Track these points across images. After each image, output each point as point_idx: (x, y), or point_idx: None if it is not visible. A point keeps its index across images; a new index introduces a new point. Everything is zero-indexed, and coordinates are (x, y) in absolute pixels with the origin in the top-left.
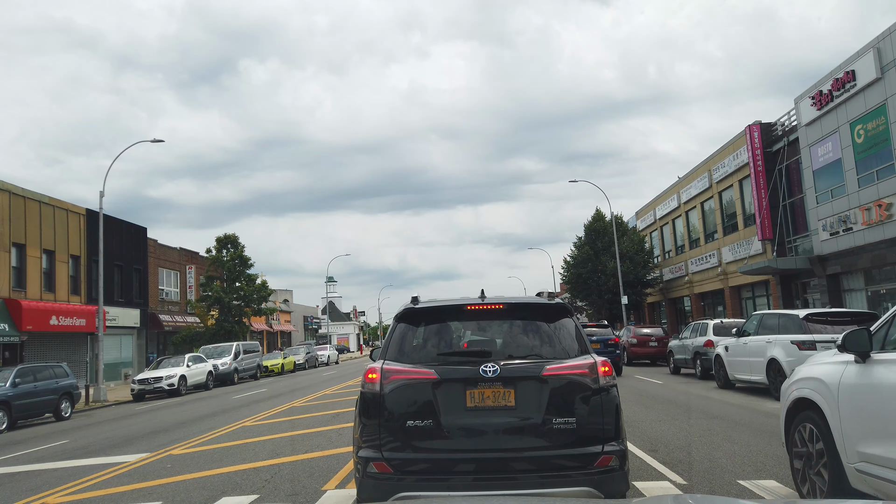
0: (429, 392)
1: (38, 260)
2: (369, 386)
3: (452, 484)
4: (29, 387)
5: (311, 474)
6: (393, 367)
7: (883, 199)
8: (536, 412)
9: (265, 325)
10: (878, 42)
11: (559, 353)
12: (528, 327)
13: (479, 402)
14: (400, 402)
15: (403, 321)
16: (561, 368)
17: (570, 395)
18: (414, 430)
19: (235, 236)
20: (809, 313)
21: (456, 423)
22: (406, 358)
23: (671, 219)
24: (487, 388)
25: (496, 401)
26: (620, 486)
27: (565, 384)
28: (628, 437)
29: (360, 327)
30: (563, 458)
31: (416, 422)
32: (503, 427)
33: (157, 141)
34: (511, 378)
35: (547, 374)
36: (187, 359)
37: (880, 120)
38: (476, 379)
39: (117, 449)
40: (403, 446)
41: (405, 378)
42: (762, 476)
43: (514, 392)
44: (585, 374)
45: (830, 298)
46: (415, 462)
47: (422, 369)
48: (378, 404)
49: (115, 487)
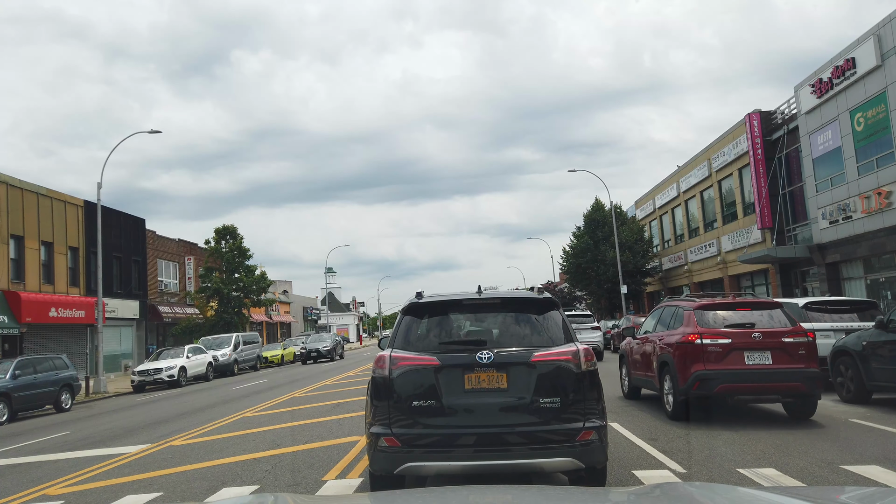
0: (432, 376)
1: (36, 252)
2: (379, 371)
3: (453, 455)
4: (29, 378)
5: (312, 464)
6: (400, 354)
7: (882, 187)
8: (526, 393)
9: (265, 317)
10: (879, 29)
11: (546, 342)
12: (520, 319)
13: (475, 385)
14: (406, 385)
15: (409, 314)
16: (547, 355)
17: (555, 378)
18: (419, 409)
19: (234, 227)
20: (809, 301)
21: (456, 402)
22: (411, 346)
23: (670, 208)
24: (483, 372)
25: (490, 383)
26: (599, 457)
27: (552, 369)
28: (627, 425)
29: (359, 318)
30: (550, 433)
31: (420, 402)
32: (497, 406)
33: (155, 132)
34: (503, 364)
35: (535, 360)
36: (187, 350)
37: (880, 108)
38: (473, 364)
39: (118, 440)
40: (410, 423)
41: (411, 364)
42: (762, 464)
43: (506, 376)
44: (569, 359)
45: (830, 287)
46: (420, 437)
47: (425, 356)
48: (387, 387)
49: (116, 478)
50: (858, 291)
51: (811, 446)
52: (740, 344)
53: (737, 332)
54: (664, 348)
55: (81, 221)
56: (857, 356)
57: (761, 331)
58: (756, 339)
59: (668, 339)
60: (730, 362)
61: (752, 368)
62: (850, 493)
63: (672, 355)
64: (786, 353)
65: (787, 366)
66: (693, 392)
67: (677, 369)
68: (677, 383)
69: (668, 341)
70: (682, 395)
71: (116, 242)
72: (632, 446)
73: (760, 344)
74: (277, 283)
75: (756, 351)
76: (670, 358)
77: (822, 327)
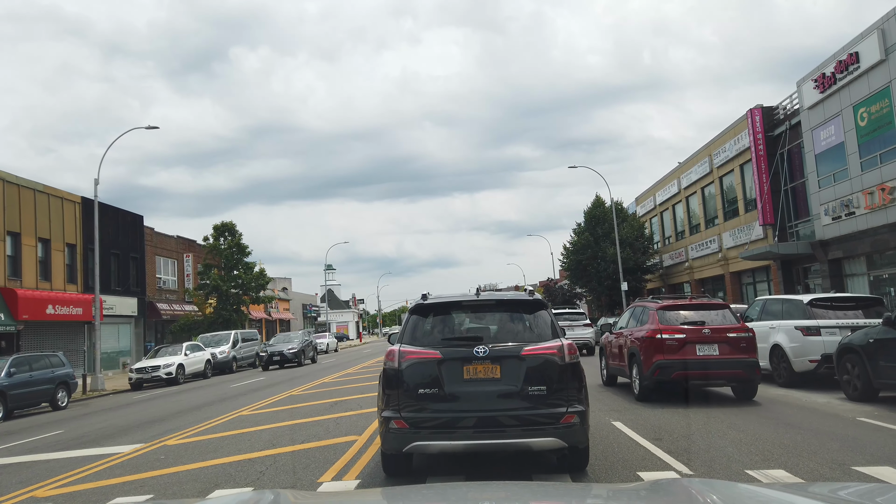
0: (435, 368)
1: (33, 248)
2: (390, 364)
3: (454, 435)
4: (24, 376)
5: (308, 465)
6: (407, 349)
7: (886, 182)
8: (517, 382)
9: (264, 314)
10: (883, 23)
11: (536, 338)
12: (513, 317)
13: (473, 375)
14: (413, 376)
15: (415, 313)
16: (536, 349)
17: (542, 369)
18: (424, 396)
19: (233, 224)
20: (814, 299)
21: (456, 390)
22: (417, 342)
23: (671, 204)
24: (480, 364)
25: (486, 374)
26: (581, 438)
27: (539, 361)
28: (629, 424)
29: (359, 315)
30: (538, 416)
31: (425, 390)
32: (492, 393)
33: (152, 128)
34: (497, 357)
35: (525, 354)
36: (185, 347)
37: (884, 102)
38: (471, 358)
39: (112, 439)
40: (417, 408)
41: (417, 357)
42: (770, 465)
43: (499, 367)
44: (555, 353)
45: (832, 283)
46: (426, 420)
47: (429, 350)
48: (397, 377)
49: (107, 479)
50: (861, 288)
51: (820, 446)
52: (693, 338)
53: (690, 329)
54: (633, 342)
55: (79, 218)
56: (864, 353)
57: (710, 328)
58: (706, 335)
59: (636, 334)
60: (684, 353)
61: (702, 358)
62: (849, 489)
63: (638, 348)
64: (730, 345)
65: (731, 356)
66: (654, 378)
67: (642, 359)
68: (642, 371)
69: (636, 336)
70: (647, 380)
71: (114, 239)
72: (636, 447)
73: (710, 338)
74: (277, 281)
75: (706, 344)
76: (637, 350)
77: (827, 324)
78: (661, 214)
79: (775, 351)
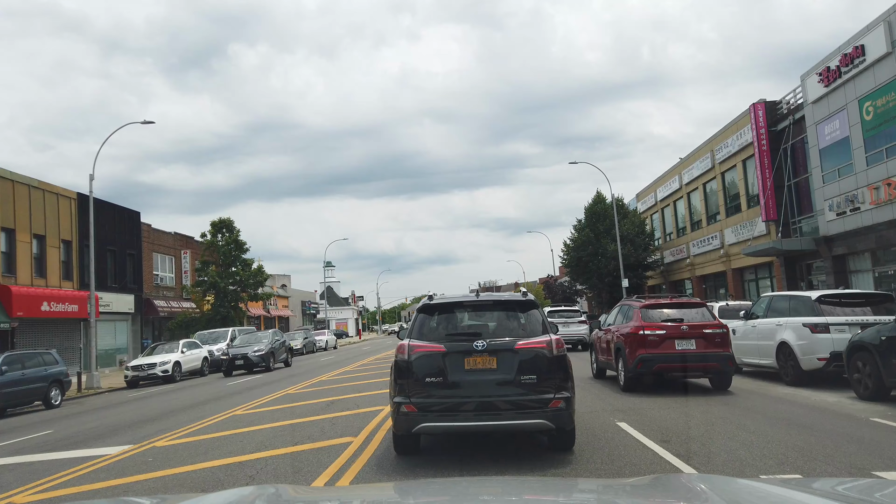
0: (440, 359)
1: (28, 245)
2: (401, 356)
3: (457, 418)
4: (17, 374)
5: (300, 469)
6: (416, 343)
7: (892, 177)
8: (511, 372)
9: (262, 311)
10: (889, 15)
11: (527, 333)
12: (508, 315)
13: (473, 366)
14: (421, 366)
15: (423, 312)
16: (528, 343)
17: (533, 361)
18: (431, 384)
19: (230, 220)
20: (822, 295)
21: (458, 379)
22: (424, 337)
23: (672, 200)
24: (478, 356)
25: (484, 365)
26: (567, 420)
27: (531, 354)
28: (634, 423)
29: (358, 312)
30: (529, 401)
31: (431, 379)
32: (490, 382)
33: (148, 122)
34: (494, 350)
35: (518, 347)
36: (182, 345)
37: (890, 96)
38: (471, 351)
39: (100, 440)
40: (424, 395)
41: (424, 350)
42: (786, 470)
43: (496, 359)
44: (544, 347)
45: (836, 280)
46: (432, 405)
47: (435, 344)
48: (407, 368)
49: (89, 484)
50: (866, 284)
51: (835, 449)
52: (673, 334)
53: (670, 325)
54: (619, 338)
55: (74, 214)
56: (876, 351)
57: (688, 324)
58: (684, 331)
59: (622, 330)
60: (665, 348)
61: (681, 352)
62: (847, 485)
63: (623, 343)
64: (706, 340)
65: (707, 350)
66: (637, 370)
67: (627, 353)
68: (627, 364)
69: (621, 332)
70: (631, 373)
71: (111, 236)
72: (644, 449)
73: (688, 334)
74: (276, 277)
75: (684, 339)
76: (622, 345)
77: (836, 321)
78: (662, 210)
79: (782, 349)
